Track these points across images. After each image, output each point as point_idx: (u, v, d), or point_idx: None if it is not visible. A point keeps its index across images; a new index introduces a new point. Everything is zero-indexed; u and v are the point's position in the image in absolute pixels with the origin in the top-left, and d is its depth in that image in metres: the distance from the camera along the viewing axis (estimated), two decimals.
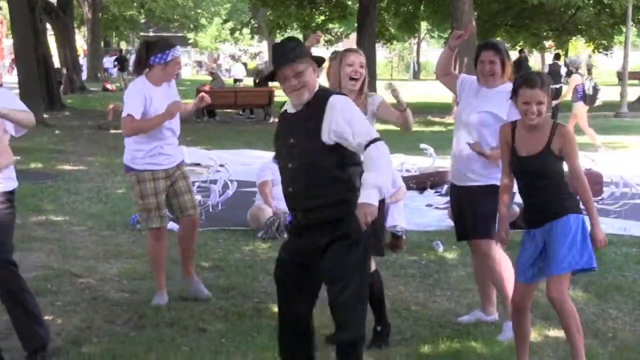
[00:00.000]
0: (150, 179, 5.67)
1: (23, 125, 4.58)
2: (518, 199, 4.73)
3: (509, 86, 4.98)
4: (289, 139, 3.95)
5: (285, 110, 4.10)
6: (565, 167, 4.43)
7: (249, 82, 34.69)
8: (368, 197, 3.72)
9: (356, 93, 4.91)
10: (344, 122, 3.83)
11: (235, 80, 33.54)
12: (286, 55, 3.90)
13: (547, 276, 4.37)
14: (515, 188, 4.60)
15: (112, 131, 16.56)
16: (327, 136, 3.85)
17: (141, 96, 5.54)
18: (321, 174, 3.88)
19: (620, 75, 30.56)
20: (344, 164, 3.90)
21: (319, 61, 4.06)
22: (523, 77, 4.42)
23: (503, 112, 4.98)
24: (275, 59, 3.95)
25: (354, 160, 3.93)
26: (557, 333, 5.08)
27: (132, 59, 17.36)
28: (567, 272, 4.33)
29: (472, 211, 5.08)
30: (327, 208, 3.87)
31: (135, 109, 5.50)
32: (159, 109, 5.56)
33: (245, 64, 57.05)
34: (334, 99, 3.91)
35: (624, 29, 28.95)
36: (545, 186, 4.37)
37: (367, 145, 3.81)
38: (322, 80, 4.96)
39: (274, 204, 7.96)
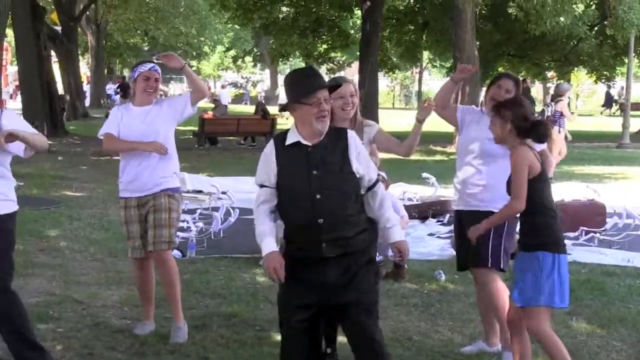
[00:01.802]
0: (122, 207, 5.69)
1: (38, 148, 4.59)
2: None
3: None
4: (311, 171, 3.91)
5: (298, 141, 3.97)
6: (554, 198, 4.56)
7: (234, 108, 34.67)
8: (401, 234, 4.14)
9: (349, 121, 4.94)
10: (362, 156, 4.05)
11: None
12: (322, 79, 4.01)
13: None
14: None
15: (115, 158, 16.59)
16: (355, 167, 3.98)
17: (115, 117, 5.68)
18: (352, 204, 3.98)
19: (623, 106, 30.66)
20: (361, 194, 4.06)
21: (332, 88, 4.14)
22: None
23: None
24: (315, 82, 3.94)
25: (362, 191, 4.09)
26: None
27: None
28: (528, 305, 4.45)
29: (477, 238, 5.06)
30: (355, 237, 3.97)
31: (110, 128, 5.64)
32: (129, 132, 5.56)
33: (247, 92, 57.39)
34: (351, 133, 4.10)
35: (626, 60, 29.08)
36: (524, 212, 4.47)
37: (376, 182, 4.08)
38: None
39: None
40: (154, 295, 5.85)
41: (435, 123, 6.84)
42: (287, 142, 3.99)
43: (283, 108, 4.10)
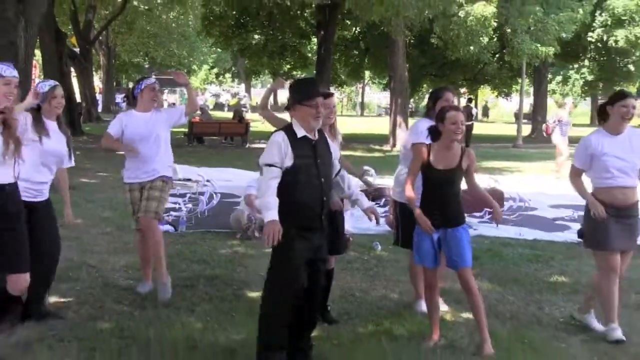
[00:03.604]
0: (128, 190, 5.63)
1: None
2: None
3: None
4: (316, 159, 3.93)
5: (305, 135, 3.91)
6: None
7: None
8: (369, 202, 4.27)
9: (330, 126, 4.92)
10: (337, 151, 4.24)
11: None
12: (321, 88, 4.08)
13: (458, 269, 4.47)
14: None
15: (120, 153, 16.34)
16: (335, 159, 4.16)
17: (119, 121, 5.57)
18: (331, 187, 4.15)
19: (517, 116, 31.17)
20: None
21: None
22: (448, 107, 4.62)
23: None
24: (315, 89, 3.97)
25: None
26: (467, 315, 5.13)
27: None
28: (470, 265, 4.49)
29: None
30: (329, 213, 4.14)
31: (113, 130, 5.54)
32: (135, 132, 5.48)
33: (225, 102, 56.93)
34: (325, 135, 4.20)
35: (519, 80, 29.58)
36: (451, 196, 4.48)
37: (340, 170, 4.24)
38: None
39: (253, 212, 7.88)
40: (152, 260, 5.79)
41: (373, 127, 6.84)
42: (299, 135, 3.91)
43: (287, 107, 4.01)
